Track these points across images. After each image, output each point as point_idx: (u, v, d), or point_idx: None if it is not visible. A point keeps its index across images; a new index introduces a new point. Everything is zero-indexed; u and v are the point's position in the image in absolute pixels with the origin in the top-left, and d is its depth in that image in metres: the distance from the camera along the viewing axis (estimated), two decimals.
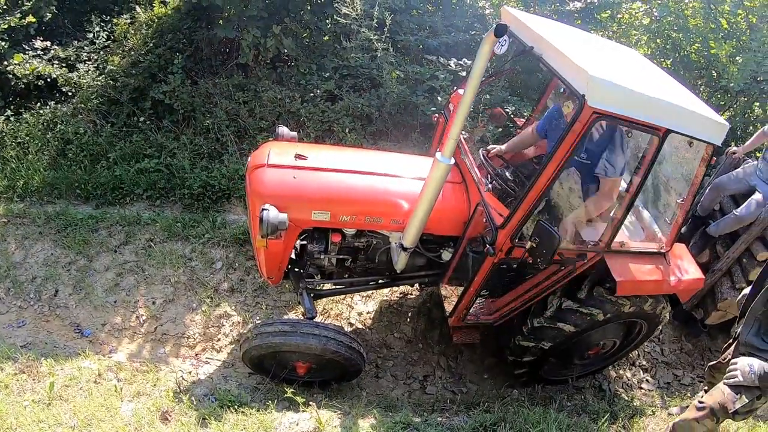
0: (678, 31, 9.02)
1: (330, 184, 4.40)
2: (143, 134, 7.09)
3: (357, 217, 4.40)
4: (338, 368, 4.69)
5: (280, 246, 4.30)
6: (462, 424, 4.36)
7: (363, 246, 4.79)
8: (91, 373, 4.41)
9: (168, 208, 6.52)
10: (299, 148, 4.54)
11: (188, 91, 7.32)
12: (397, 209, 4.43)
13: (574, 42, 4.21)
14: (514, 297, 4.79)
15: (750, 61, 7.75)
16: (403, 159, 5.05)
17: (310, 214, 4.27)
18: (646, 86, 3.83)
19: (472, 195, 4.56)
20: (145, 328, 5.32)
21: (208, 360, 5.16)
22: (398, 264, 4.59)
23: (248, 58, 7.52)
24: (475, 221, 4.42)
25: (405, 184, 4.57)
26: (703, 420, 3.71)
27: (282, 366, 4.65)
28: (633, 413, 4.98)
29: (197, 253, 5.93)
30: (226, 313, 5.48)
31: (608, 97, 3.51)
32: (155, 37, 7.81)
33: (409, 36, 7.90)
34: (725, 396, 3.62)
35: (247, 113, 7.34)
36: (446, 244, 4.79)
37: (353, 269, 4.97)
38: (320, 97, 7.39)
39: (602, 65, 3.83)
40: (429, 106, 7.31)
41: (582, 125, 3.56)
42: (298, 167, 4.34)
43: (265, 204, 3.98)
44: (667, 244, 4.60)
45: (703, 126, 3.92)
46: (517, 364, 5.08)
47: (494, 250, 4.04)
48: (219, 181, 6.58)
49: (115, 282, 5.62)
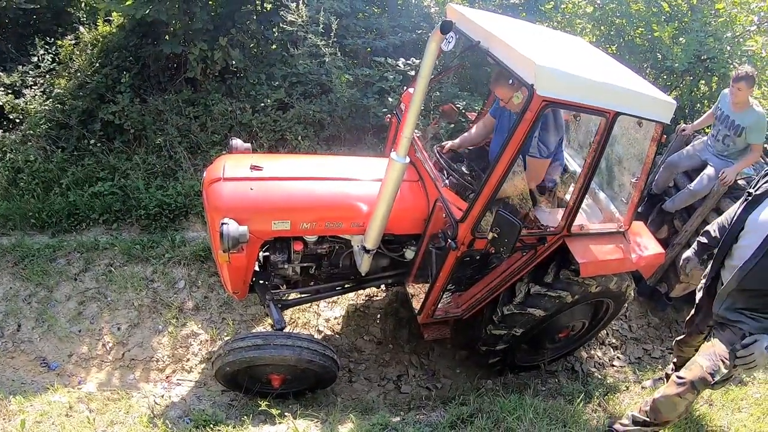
0: (621, 17, 9.21)
1: (288, 193, 4.40)
2: (95, 157, 7.00)
3: (317, 223, 4.41)
4: (313, 377, 4.69)
5: (242, 259, 4.26)
6: (440, 419, 4.40)
7: (326, 252, 4.80)
8: (62, 407, 4.35)
9: (125, 231, 6.45)
10: (254, 159, 4.53)
11: (137, 109, 7.25)
12: (357, 212, 4.45)
13: (520, 34, 4.25)
14: (481, 288, 4.84)
15: (693, 41, 7.95)
16: (358, 162, 5.08)
17: (271, 224, 4.27)
18: (592, 72, 3.92)
19: (430, 192, 4.59)
20: (113, 355, 5.26)
21: (180, 381, 5.13)
22: (362, 267, 4.62)
23: (196, 72, 7.48)
24: (435, 218, 4.46)
25: (362, 186, 4.60)
26: (685, 395, 3.77)
27: (256, 380, 4.63)
28: (607, 390, 5.10)
29: (158, 274, 5.88)
30: (193, 332, 5.45)
31: (556, 84, 3.58)
32: (101, 57, 7.74)
33: (357, 39, 7.92)
34: (703, 370, 3.68)
35: (198, 128, 7.30)
36: (408, 243, 4.85)
37: (318, 276, 4.97)
38: (271, 107, 7.38)
39: (549, 54, 3.92)
40: (380, 108, 7.37)
41: (533, 113, 3.62)
42: (255, 178, 4.33)
43: (224, 218, 3.96)
44: (625, 223, 4.70)
45: (651, 106, 4.03)
46: (490, 354, 5.13)
47: (456, 244, 4.08)
48: (175, 199, 6.54)
49: (78, 311, 5.55)
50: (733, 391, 4.98)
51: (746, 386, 5.14)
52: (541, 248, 4.42)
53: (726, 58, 8.22)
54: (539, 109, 3.61)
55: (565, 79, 3.61)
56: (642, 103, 4.00)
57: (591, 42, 9.56)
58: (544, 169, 4.57)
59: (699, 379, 3.67)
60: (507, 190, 4.35)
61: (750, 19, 8.78)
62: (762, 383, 5.17)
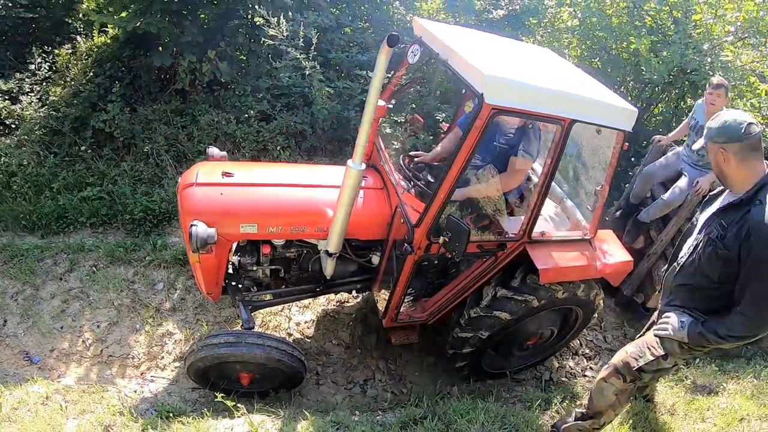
0: (602, 31, 9.43)
1: (256, 198, 4.59)
2: (85, 163, 7.31)
3: (283, 227, 4.61)
4: (281, 377, 4.87)
5: (212, 260, 4.46)
6: (391, 419, 4.58)
7: (294, 256, 5.02)
8: (39, 397, 4.60)
9: (111, 234, 6.75)
10: (227, 166, 4.74)
11: (127, 118, 7.54)
12: (321, 217, 4.63)
13: (479, 46, 4.45)
14: (445, 294, 5.02)
15: (674, 54, 8.16)
16: (324, 170, 5.31)
17: (239, 227, 4.47)
18: (546, 81, 4.08)
19: (393, 198, 4.78)
20: (92, 351, 5.54)
21: (153, 378, 5.40)
22: (327, 270, 4.83)
23: (185, 83, 7.78)
24: (397, 223, 4.66)
25: (326, 193, 4.75)
26: (609, 379, 3.85)
27: (226, 377, 4.82)
28: (569, 397, 5.18)
29: (139, 276, 6.18)
30: (169, 332, 5.73)
31: (505, 93, 3.72)
32: (95, 67, 8.04)
33: (340, 53, 8.21)
34: (627, 354, 3.77)
35: (185, 137, 7.58)
36: (375, 248, 5.06)
37: (288, 279, 5.16)
38: (254, 118, 7.65)
39: (502, 65, 4.10)
40: (360, 120, 7.61)
41: (482, 121, 3.76)
42: (225, 184, 4.52)
43: (194, 220, 4.16)
44: (591, 231, 4.83)
45: (610, 114, 4.16)
46: (457, 357, 5.22)
47: (412, 248, 4.26)
48: (159, 205, 6.83)
49: (62, 309, 5.84)
50: (698, 400, 5.06)
51: (715, 396, 5.19)
52: (502, 254, 4.60)
53: (707, 70, 8.43)
54: (488, 117, 3.75)
55: (515, 88, 3.75)
56: (600, 111, 4.13)
57: (576, 56, 9.81)
58: (526, 170, 4.79)
59: (623, 364, 3.77)
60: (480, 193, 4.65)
61: (726, 30, 8.99)
62: (732, 394, 5.21)
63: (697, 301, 3.48)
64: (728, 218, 3.25)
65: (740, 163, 3.14)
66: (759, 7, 8.56)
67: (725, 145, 3.13)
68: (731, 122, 3.11)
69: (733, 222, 3.19)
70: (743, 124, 3.08)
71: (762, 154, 3.20)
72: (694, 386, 5.33)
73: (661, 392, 5.15)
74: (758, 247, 3.02)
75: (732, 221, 3.20)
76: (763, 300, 3.10)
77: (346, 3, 9.25)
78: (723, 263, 3.21)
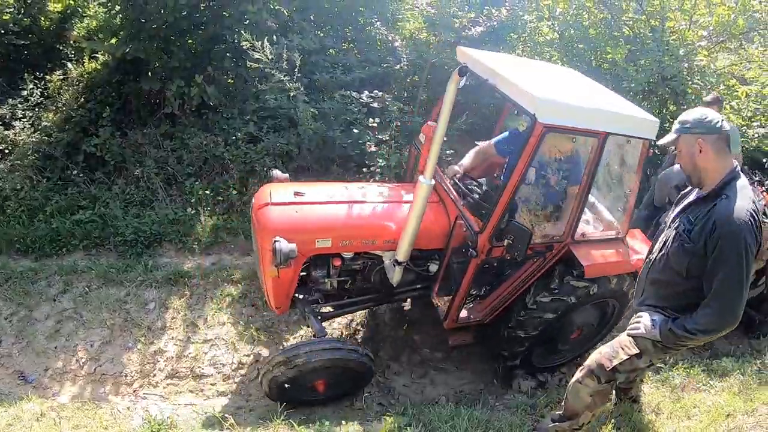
0: (580, 43, 9.66)
1: (328, 214, 5.00)
2: (77, 187, 7.49)
3: (355, 240, 4.99)
4: (352, 377, 5.23)
5: (289, 274, 4.83)
6: (377, 427, 4.71)
7: (360, 267, 5.35)
8: (34, 414, 4.75)
9: (103, 256, 6.91)
10: (295, 186, 5.17)
11: (118, 143, 7.75)
12: (388, 230, 5.03)
13: (520, 70, 4.93)
14: (499, 294, 5.36)
15: (651, 61, 8.38)
16: (382, 188, 5.71)
17: (315, 242, 4.83)
18: (584, 99, 4.63)
19: (450, 211, 5.20)
20: (85, 369, 5.68)
21: (146, 395, 5.53)
22: (394, 278, 5.16)
23: (174, 107, 7.98)
24: (456, 233, 5.05)
25: (390, 208, 5.24)
26: (584, 380, 3.89)
27: (302, 389, 5.08)
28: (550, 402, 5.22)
29: (131, 296, 6.34)
30: (161, 350, 5.88)
31: (553, 113, 4.21)
32: (86, 92, 8.27)
33: (324, 74, 8.41)
34: (601, 355, 3.81)
35: (175, 160, 7.78)
36: (432, 257, 5.40)
37: (352, 290, 5.51)
38: (242, 140, 7.84)
39: (546, 87, 4.59)
40: (345, 139, 7.83)
41: (536, 138, 4.24)
42: (299, 203, 4.94)
43: (276, 237, 4.49)
44: (622, 230, 5.25)
45: (636, 125, 4.58)
46: (510, 357, 5.64)
47: (477, 252, 4.67)
48: (150, 227, 7.01)
49: (55, 329, 5.99)
50: (684, 399, 5.17)
51: (702, 394, 5.29)
52: (550, 254, 5.00)
53: (685, 75, 8.64)
54: (541, 134, 4.23)
55: (561, 108, 4.24)
56: (629, 124, 4.56)
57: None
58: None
59: (597, 365, 3.81)
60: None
61: (699, 35, 9.21)
62: (718, 391, 5.33)
63: (669, 299, 3.56)
64: (695, 213, 3.38)
65: (715, 155, 3.27)
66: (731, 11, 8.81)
67: (704, 136, 3.26)
68: (708, 115, 3.27)
69: (700, 216, 3.31)
70: (718, 119, 3.25)
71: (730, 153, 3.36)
72: (680, 385, 5.47)
73: (647, 392, 5.27)
74: (723, 241, 3.13)
75: (699, 216, 3.33)
76: (728, 292, 3.19)
77: (330, 25, 9.48)
78: (690, 257, 3.32)
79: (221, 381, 5.73)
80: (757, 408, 5.05)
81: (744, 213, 3.14)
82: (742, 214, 3.13)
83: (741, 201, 3.19)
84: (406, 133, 8.14)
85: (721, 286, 3.20)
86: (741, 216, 3.13)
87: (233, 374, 5.79)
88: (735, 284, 3.17)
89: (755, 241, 3.18)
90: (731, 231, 3.12)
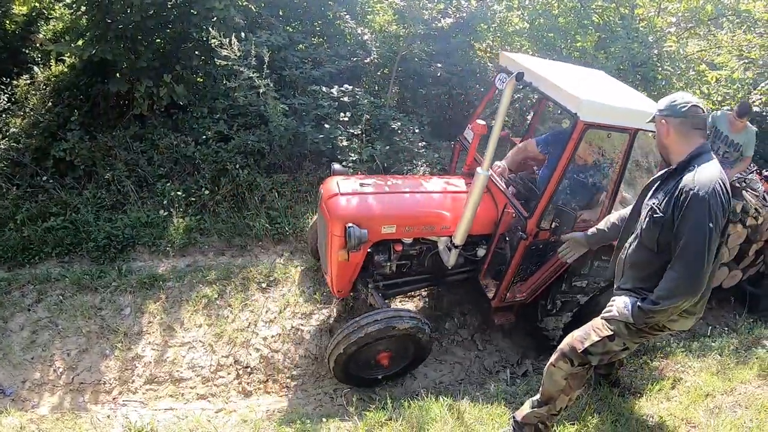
0: (550, 31, 9.70)
1: (393, 203, 5.57)
2: (48, 193, 7.40)
3: (416, 227, 5.50)
4: (412, 348, 5.51)
5: (358, 257, 5.34)
6: (358, 423, 4.74)
7: (416, 253, 5.83)
8: (13, 428, 4.74)
9: (77, 263, 6.84)
10: (359, 178, 5.79)
11: (87, 146, 7.66)
12: (444, 218, 5.53)
13: (557, 72, 5.42)
14: (540, 275, 5.75)
15: (621, 49, 8.45)
16: (433, 179, 6.25)
17: (381, 228, 5.30)
18: (616, 99, 5.09)
19: (499, 200, 5.71)
20: (63, 380, 5.63)
21: (125, 402, 5.52)
22: (450, 261, 5.57)
23: (143, 108, 7.91)
24: (504, 220, 5.58)
25: (444, 198, 5.79)
26: (557, 363, 3.89)
27: (366, 365, 5.46)
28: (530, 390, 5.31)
29: (106, 302, 6.30)
30: (138, 355, 5.85)
31: (593, 112, 4.70)
32: (53, 96, 8.18)
33: (294, 70, 8.38)
34: (573, 338, 3.85)
35: (145, 162, 7.71)
36: (480, 243, 5.86)
37: (408, 274, 6.00)
38: (213, 139, 7.81)
39: (586, 89, 5.01)
40: (317, 135, 7.80)
41: (578, 134, 4.77)
42: (365, 192, 5.49)
43: (348, 223, 5.00)
44: None
45: None
46: (549, 338, 5.95)
47: (526, 235, 5.15)
48: (123, 231, 6.96)
49: (31, 339, 5.92)
50: (663, 381, 5.24)
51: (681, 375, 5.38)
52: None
53: (655, 61, 8.73)
54: (582, 131, 4.77)
55: (599, 107, 4.73)
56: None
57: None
58: None
59: (569, 347, 3.85)
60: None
61: (668, 21, 9.30)
62: (697, 372, 5.41)
63: (645, 280, 3.61)
64: (665, 186, 3.51)
65: (678, 136, 3.47)
66: None
67: (667, 119, 3.48)
68: (678, 100, 3.46)
69: (669, 189, 3.43)
70: (687, 105, 3.41)
71: (705, 135, 3.51)
72: (659, 368, 5.58)
73: (626, 376, 5.37)
74: (688, 207, 3.23)
75: (668, 189, 3.45)
76: (690, 256, 3.25)
77: (298, 20, 9.44)
78: (660, 229, 3.42)
79: (201, 384, 5.72)
80: (735, 387, 5.15)
81: (710, 181, 3.25)
82: (708, 182, 3.24)
83: (708, 171, 3.31)
84: (378, 126, 8.14)
85: (683, 250, 3.28)
86: (707, 183, 3.24)
87: (212, 376, 5.79)
88: (698, 248, 3.23)
89: (722, 209, 3.27)
90: (696, 196, 3.22)
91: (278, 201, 7.65)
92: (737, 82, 9.23)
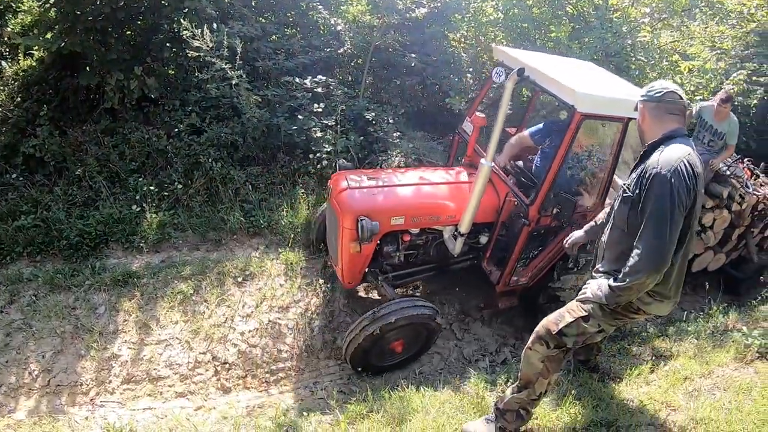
0: (524, 21, 9.70)
1: (400, 196, 5.78)
2: (18, 191, 7.25)
3: (423, 218, 5.74)
4: (424, 334, 5.78)
5: (369, 249, 5.60)
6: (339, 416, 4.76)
7: (422, 242, 6.12)
8: None
9: (49, 262, 6.72)
10: (366, 173, 6.01)
11: (57, 142, 7.53)
12: (449, 208, 5.80)
13: (552, 65, 5.65)
14: (541, 259, 6.05)
15: (595, 39, 8.49)
16: (435, 171, 6.47)
17: (390, 220, 5.53)
18: (607, 89, 5.38)
19: (500, 189, 5.99)
20: (39, 382, 5.54)
21: (103, 403, 5.46)
22: (455, 249, 5.88)
23: (114, 101, 7.78)
24: (506, 208, 5.86)
25: (448, 188, 6.05)
26: (533, 346, 3.91)
27: (382, 352, 5.70)
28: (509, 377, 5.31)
29: (80, 301, 6.19)
30: (114, 355, 5.78)
31: (589, 103, 4.95)
32: (22, 91, 8.02)
33: (267, 61, 8.29)
34: (548, 320, 3.89)
35: (117, 157, 7.59)
36: (483, 230, 6.09)
37: (414, 263, 6.26)
38: (185, 132, 7.71)
39: (580, 81, 5.30)
40: (290, 126, 7.76)
41: (575, 125, 5.02)
42: (374, 186, 5.71)
43: (360, 216, 5.26)
44: None
45: None
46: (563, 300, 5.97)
47: (529, 221, 5.42)
48: (95, 228, 6.85)
49: (5, 342, 5.80)
50: (642, 366, 5.32)
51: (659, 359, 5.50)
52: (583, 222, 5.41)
53: (628, 52, 8.79)
54: (579, 122, 5.00)
55: (594, 99, 4.97)
56: None
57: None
58: None
59: (544, 329, 3.88)
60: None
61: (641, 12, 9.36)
62: (675, 356, 5.52)
63: (618, 261, 3.65)
64: (636, 168, 3.61)
65: (652, 120, 3.59)
66: None
67: (643, 102, 3.63)
68: (656, 86, 3.60)
69: (638, 169, 3.54)
70: (663, 90, 3.53)
71: (681, 120, 3.57)
72: (637, 353, 5.69)
73: (605, 362, 5.45)
74: (651, 185, 3.32)
75: (638, 169, 3.56)
76: (652, 233, 3.31)
77: (271, 11, 9.34)
78: (629, 207, 3.52)
79: (179, 382, 5.68)
80: (713, 370, 5.25)
81: (674, 160, 3.32)
82: (671, 161, 3.31)
83: (673, 152, 3.38)
84: (352, 117, 8.10)
85: (645, 228, 3.35)
86: (670, 162, 3.31)
87: (190, 374, 5.74)
88: (659, 226, 3.29)
89: (686, 188, 3.30)
90: (658, 175, 3.31)
91: (252, 194, 7.60)
92: (709, 73, 9.38)
